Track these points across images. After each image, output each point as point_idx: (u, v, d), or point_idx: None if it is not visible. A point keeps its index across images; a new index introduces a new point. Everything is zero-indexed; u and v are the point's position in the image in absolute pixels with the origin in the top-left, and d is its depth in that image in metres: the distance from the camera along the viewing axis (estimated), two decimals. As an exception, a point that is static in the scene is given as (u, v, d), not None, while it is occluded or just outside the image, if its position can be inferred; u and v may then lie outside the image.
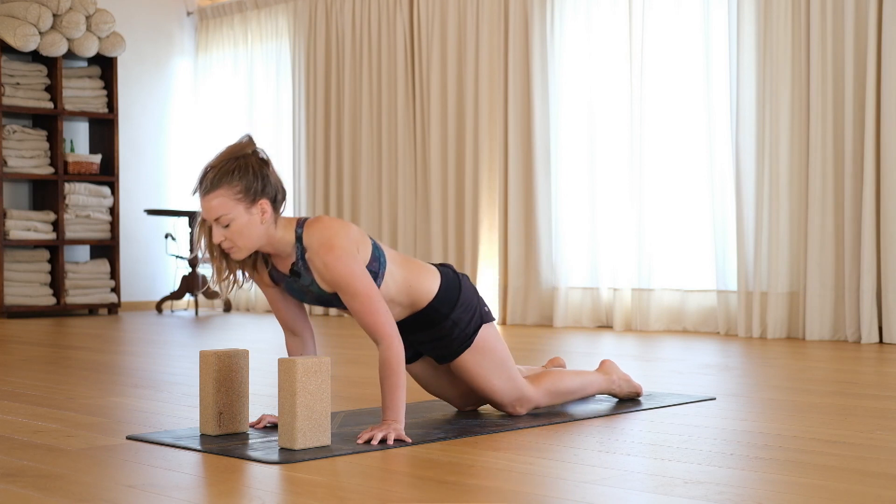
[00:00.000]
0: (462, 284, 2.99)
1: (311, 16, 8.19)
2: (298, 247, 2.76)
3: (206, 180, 2.71)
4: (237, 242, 2.71)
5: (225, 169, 2.70)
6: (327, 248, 2.71)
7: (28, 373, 4.41)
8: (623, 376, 3.37)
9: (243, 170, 2.70)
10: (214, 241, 2.73)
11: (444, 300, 2.93)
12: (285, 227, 2.77)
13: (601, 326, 6.59)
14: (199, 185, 2.73)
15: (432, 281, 2.93)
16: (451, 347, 2.98)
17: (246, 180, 2.69)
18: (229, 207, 2.68)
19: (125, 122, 8.62)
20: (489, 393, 3.04)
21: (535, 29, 6.82)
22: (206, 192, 2.71)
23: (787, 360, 4.76)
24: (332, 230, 2.74)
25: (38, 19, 7.77)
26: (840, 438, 2.73)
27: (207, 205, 2.70)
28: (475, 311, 2.99)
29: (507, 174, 6.95)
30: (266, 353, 5.01)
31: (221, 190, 2.69)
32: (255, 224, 2.71)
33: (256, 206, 2.70)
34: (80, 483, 2.28)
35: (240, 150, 2.74)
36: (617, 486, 2.22)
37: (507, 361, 3.04)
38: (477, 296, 3.03)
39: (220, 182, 2.69)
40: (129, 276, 8.61)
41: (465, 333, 2.97)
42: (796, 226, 5.76)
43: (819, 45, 5.60)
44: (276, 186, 2.75)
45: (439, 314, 2.93)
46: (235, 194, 2.69)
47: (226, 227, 2.70)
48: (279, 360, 2.63)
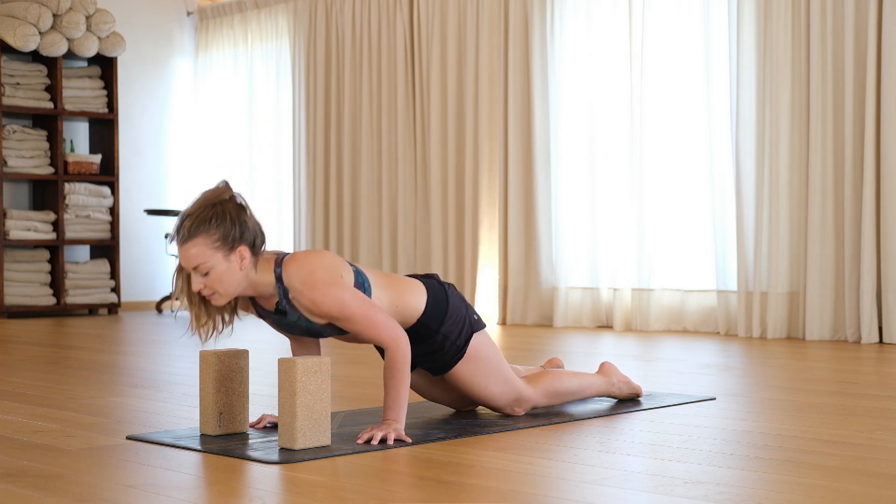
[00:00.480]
0: (449, 296, 2.96)
1: (311, 16, 8.19)
2: (280, 287, 2.74)
3: (183, 229, 2.67)
4: (217, 290, 2.69)
5: (202, 217, 2.66)
6: (311, 286, 2.69)
7: (28, 373, 4.41)
8: (623, 378, 3.37)
9: (221, 217, 2.67)
10: (193, 289, 2.69)
11: (432, 315, 2.92)
12: (264, 269, 2.74)
13: (601, 326, 6.59)
14: (177, 233, 2.68)
15: (419, 297, 2.91)
16: (444, 360, 2.98)
17: (223, 228, 2.66)
18: (207, 256, 2.65)
19: (125, 122, 8.62)
20: (486, 399, 3.05)
21: (535, 29, 6.82)
22: (183, 240, 2.67)
23: (787, 360, 4.76)
24: (310, 266, 2.72)
25: (38, 19, 7.77)
26: (840, 438, 2.73)
27: (185, 254, 2.67)
28: (464, 322, 2.97)
29: (507, 174, 6.95)
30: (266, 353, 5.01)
31: (199, 238, 2.65)
32: (234, 271, 2.68)
33: (235, 254, 2.68)
34: (80, 483, 2.28)
35: (216, 197, 2.71)
36: (617, 486, 2.22)
37: (501, 365, 3.04)
38: (465, 305, 3.01)
39: (198, 230, 2.65)
40: (129, 276, 8.61)
41: (456, 346, 2.96)
42: (796, 226, 5.76)
43: (819, 45, 5.60)
44: (254, 231, 2.72)
45: (429, 330, 2.92)
46: (213, 242, 2.65)
47: (205, 275, 2.67)
48: (279, 360, 2.63)
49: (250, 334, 6.36)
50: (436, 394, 3.14)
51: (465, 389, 3.03)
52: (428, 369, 3.04)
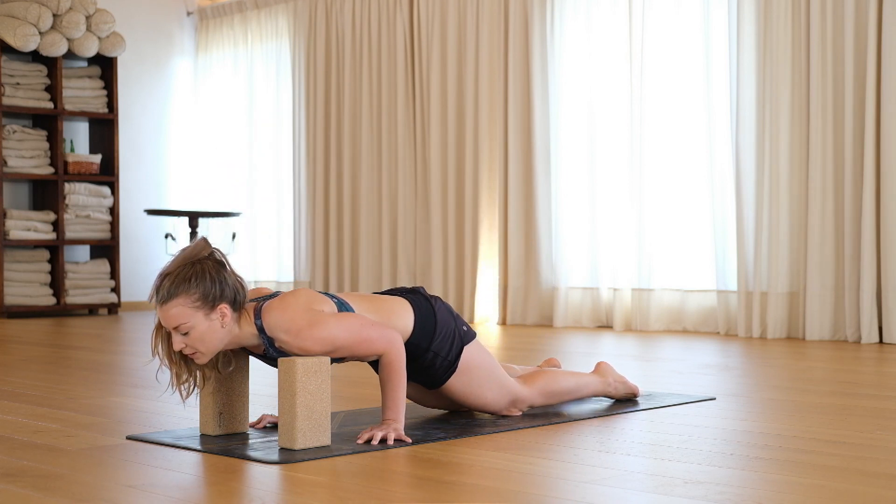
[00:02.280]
0: (436, 311, 2.93)
1: (311, 16, 8.19)
2: (264, 337, 2.71)
3: (162, 289, 2.63)
4: (199, 348, 2.66)
5: (181, 276, 2.63)
6: (295, 335, 2.67)
7: (28, 373, 4.41)
8: (619, 378, 3.37)
9: (200, 276, 2.63)
10: (175, 348, 2.66)
11: (421, 334, 2.89)
12: (245, 321, 2.71)
13: (601, 326, 6.59)
14: (156, 293, 2.65)
15: (406, 318, 2.89)
16: (436, 376, 2.97)
17: (203, 287, 2.63)
18: (188, 315, 2.62)
19: (125, 122, 8.62)
20: (482, 406, 3.05)
21: (535, 29, 6.82)
22: (163, 301, 2.63)
23: (787, 360, 4.76)
24: (287, 314, 2.69)
25: (38, 19, 7.77)
26: (840, 438, 2.73)
27: (165, 314, 2.63)
28: (454, 336, 2.95)
29: (507, 174, 6.95)
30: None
31: (179, 299, 2.62)
32: (215, 329, 2.65)
33: (216, 312, 2.64)
34: (80, 483, 2.28)
35: (195, 255, 2.68)
36: (617, 486, 2.22)
37: (494, 372, 3.03)
38: (453, 317, 2.98)
39: (178, 290, 2.62)
40: (129, 276, 8.61)
41: (448, 361, 2.94)
42: (796, 226, 5.76)
43: (819, 45, 5.60)
44: (234, 288, 2.68)
45: (419, 349, 2.90)
46: (193, 302, 2.62)
47: (185, 334, 2.64)
48: (279, 360, 2.63)
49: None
50: (431, 402, 3.14)
51: (460, 400, 3.03)
52: (421, 384, 3.03)
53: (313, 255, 8.08)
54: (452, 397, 3.02)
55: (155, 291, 2.65)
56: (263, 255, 8.61)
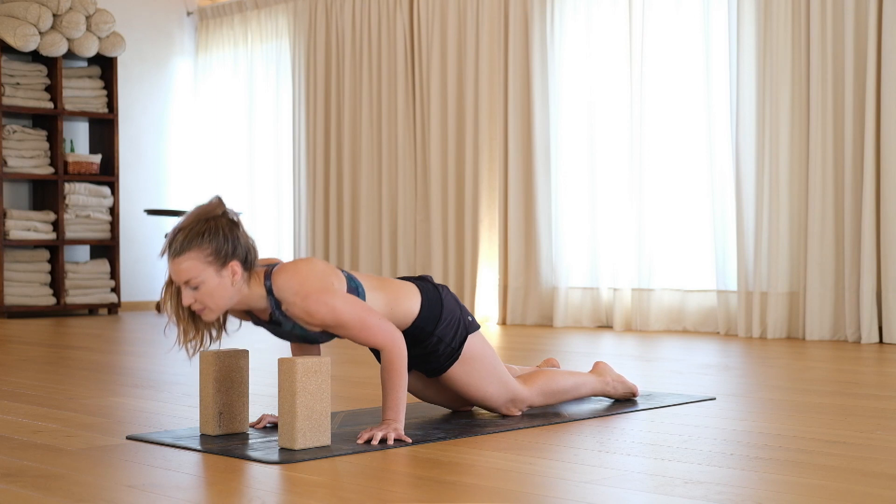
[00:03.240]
0: (443, 298, 2.96)
1: (311, 16, 8.19)
2: (271, 299, 2.73)
3: (175, 243, 2.66)
4: (208, 304, 2.68)
5: (195, 231, 2.65)
6: (303, 297, 2.69)
7: (28, 373, 4.41)
8: (617, 377, 3.37)
9: (213, 232, 2.66)
10: (184, 303, 2.68)
11: (427, 318, 2.92)
12: (255, 282, 2.73)
13: (601, 326, 6.59)
14: (168, 247, 2.67)
15: (413, 300, 2.91)
16: (439, 362, 2.98)
17: (216, 242, 2.65)
18: (199, 270, 2.64)
19: (125, 122, 8.62)
20: (482, 400, 3.05)
21: (535, 29, 6.82)
22: (175, 254, 2.65)
23: (787, 360, 4.76)
24: (300, 276, 2.72)
25: (38, 19, 7.77)
26: (840, 438, 2.73)
27: (177, 268, 2.65)
28: (459, 324, 2.97)
29: (507, 174, 6.95)
30: (266, 353, 5.01)
31: (191, 253, 2.64)
32: (225, 286, 2.67)
33: (227, 269, 2.67)
34: (80, 483, 2.28)
35: (209, 212, 2.70)
36: (617, 486, 2.22)
37: (496, 366, 3.04)
38: (459, 307, 3.01)
39: (190, 245, 2.64)
40: (129, 276, 8.61)
41: (451, 348, 2.96)
42: (796, 226, 5.76)
43: (819, 46, 5.60)
44: (246, 247, 2.71)
45: (424, 332, 2.92)
46: (205, 257, 2.64)
47: (195, 289, 2.66)
48: (279, 360, 2.63)
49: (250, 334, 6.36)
50: (431, 395, 3.14)
51: (461, 391, 3.03)
52: (423, 371, 3.04)
53: (313, 254, 8.08)
54: (453, 387, 3.02)
55: (168, 245, 2.68)
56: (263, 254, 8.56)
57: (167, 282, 2.74)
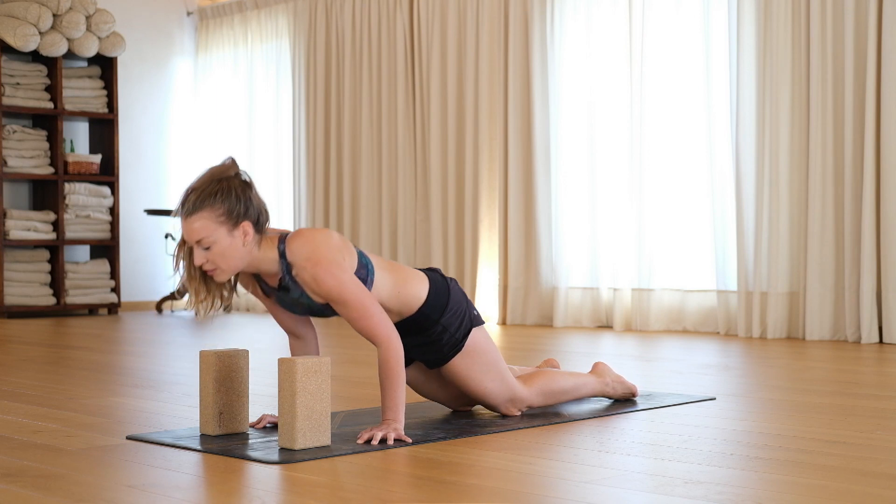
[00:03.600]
0: (451, 289, 2.99)
1: (311, 16, 8.19)
2: (283, 263, 2.75)
3: (188, 202, 2.68)
4: (219, 265, 2.69)
5: (208, 191, 2.67)
6: (314, 263, 2.71)
7: (28, 373, 4.41)
8: (616, 378, 3.37)
9: (226, 192, 2.68)
10: (196, 263, 2.70)
11: (433, 305, 2.93)
12: (267, 246, 2.75)
13: (601, 326, 6.59)
14: (181, 207, 2.69)
15: (421, 286, 2.93)
16: (442, 352, 2.99)
17: (228, 203, 2.67)
18: (211, 230, 2.66)
19: (125, 122, 8.62)
20: (481, 395, 3.05)
21: (535, 29, 6.82)
22: (188, 214, 2.67)
23: (787, 360, 4.76)
24: (315, 243, 2.73)
25: (38, 19, 7.77)
26: (840, 438, 2.73)
27: (189, 227, 2.67)
28: (464, 316, 2.98)
29: (507, 174, 6.95)
30: (266, 353, 5.01)
31: (204, 212, 2.66)
32: (237, 246, 2.69)
33: (239, 229, 2.68)
34: (80, 483, 2.28)
35: (222, 173, 2.72)
36: (617, 486, 2.22)
37: (498, 363, 3.05)
38: (466, 300, 3.02)
39: (203, 204, 2.66)
40: (129, 276, 8.61)
41: (455, 338, 2.97)
42: (796, 226, 5.76)
43: (819, 45, 5.60)
44: (258, 209, 2.73)
45: (429, 320, 2.93)
46: (218, 217, 2.66)
47: (207, 249, 2.68)
48: (279, 360, 2.63)
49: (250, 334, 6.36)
50: (431, 389, 3.14)
51: (462, 384, 3.03)
52: (425, 362, 3.04)
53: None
54: (454, 379, 3.02)
55: (180, 205, 2.70)
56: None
57: (179, 242, 2.76)
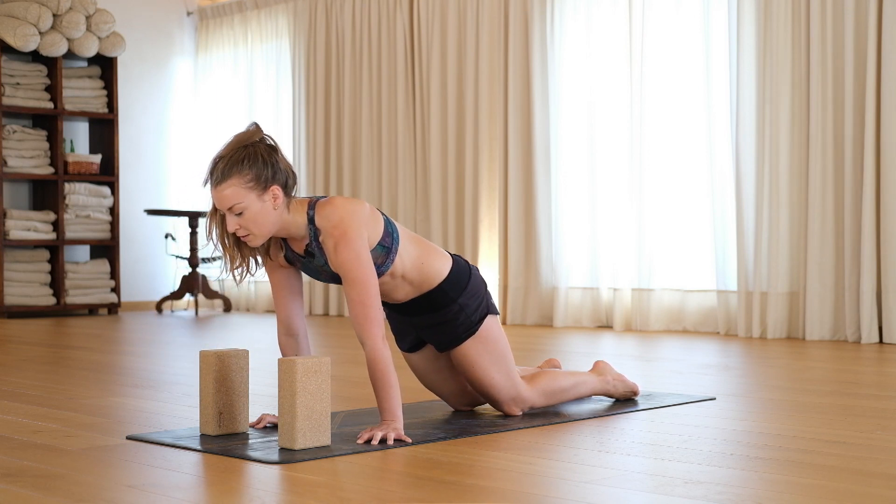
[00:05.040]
0: (472, 273, 3.03)
1: (311, 16, 8.19)
2: (311, 228, 2.79)
3: (216, 171, 2.72)
4: (252, 230, 2.73)
5: (235, 158, 2.71)
6: (341, 231, 2.74)
7: (28, 373, 4.41)
8: (617, 376, 3.38)
9: (253, 158, 2.72)
10: (229, 230, 2.74)
11: (453, 283, 2.96)
12: (297, 211, 2.79)
13: (601, 326, 6.59)
14: (210, 175, 2.74)
15: (444, 263, 2.97)
16: (456, 333, 3.00)
17: (256, 168, 2.71)
18: (242, 196, 2.70)
19: (125, 122, 8.62)
20: (487, 386, 3.04)
21: (535, 29, 6.82)
22: (217, 182, 2.72)
23: (787, 360, 4.76)
24: (344, 211, 2.76)
25: (38, 19, 7.77)
26: (840, 438, 2.73)
27: (220, 195, 2.72)
28: (482, 301, 3.02)
29: (507, 174, 6.95)
30: (266, 353, 5.01)
31: (233, 179, 2.70)
32: (268, 211, 2.73)
33: (268, 193, 2.72)
34: (80, 483, 2.28)
35: (248, 139, 2.76)
36: (617, 486, 2.22)
37: (508, 357, 3.06)
38: (485, 287, 3.07)
39: (231, 171, 2.70)
40: (129, 276, 8.61)
41: (471, 321, 2.99)
42: (796, 226, 5.76)
43: (819, 46, 5.60)
44: (286, 172, 2.77)
45: (447, 297, 2.96)
46: (247, 182, 2.70)
47: (239, 215, 2.72)
48: (279, 360, 2.63)
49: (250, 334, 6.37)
50: (437, 380, 3.14)
51: (469, 371, 3.02)
52: (436, 343, 3.05)
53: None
54: (462, 365, 3.03)
55: (209, 174, 2.74)
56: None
57: (211, 211, 2.79)
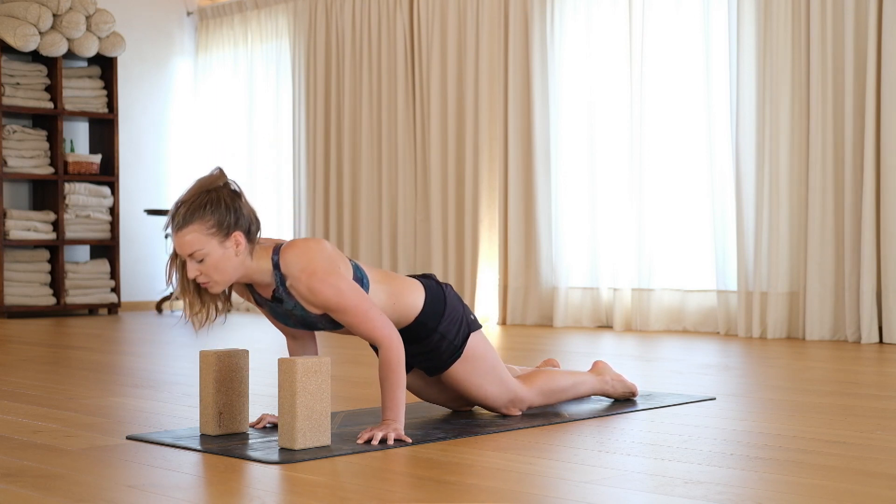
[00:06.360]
0: (447, 296, 2.97)
1: (311, 16, 8.19)
2: (277, 274, 2.73)
3: (178, 216, 2.66)
4: (213, 277, 2.68)
5: (197, 203, 2.65)
6: (309, 274, 2.69)
7: (28, 373, 4.41)
8: (616, 377, 3.37)
9: (215, 203, 2.66)
10: (189, 276, 2.68)
11: (430, 314, 2.92)
12: (261, 256, 2.73)
13: (601, 326, 6.59)
14: (171, 220, 2.67)
15: (417, 296, 2.91)
16: (441, 360, 2.98)
17: (219, 214, 2.65)
18: (203, 242, 2.64)
19: (125, 122, 8.62)
20: (482, 399, 3.05)
21: (535, 29, 6.82)
22: (178, 227, 2.65)
23: (787, 360, 4.76)
24: (309, 254, 2.71)
25: (38, 19, 7.77)
26: (840, 438, 2.73)
27: (180, 241, 2.65)
28: (462, 322, 2.97)
29: (507, 174, 6.95)
30: (266, 353, 5.01)
31: (194, 225, 2.64)
32: (229, 257, 2.67)
33: (230, 240, 2.67)
34: (80, 483, 2.28)
35: (211, 184, 2.70)
36: (617, 486, 2.22)
37: (497, 366, 3.04)
38: (462, 305, 3.01)
39: (193, 217, 2.64)
40: (129, 276, 8.61)
41: (454, 345, 2.96)
42: (796, 226, 5.76)
43: (819, 46, 5.60)
44: (249, 218, 2.71)
45: (426, 329, 2.92)
46: (208, 229, 2.64)
47: (200, 261, 2.66)
48: (279, 360, 2.63)
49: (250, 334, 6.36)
50: (431, 394, 3.14)
51: (462, 390, 3.03)
52: (424, 369, 3.04)
53: (313, 255, 8.07)
54: (454, 386, 3.02)
55: (171, 218, 2.69)
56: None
57: (172, 255, 2.75)
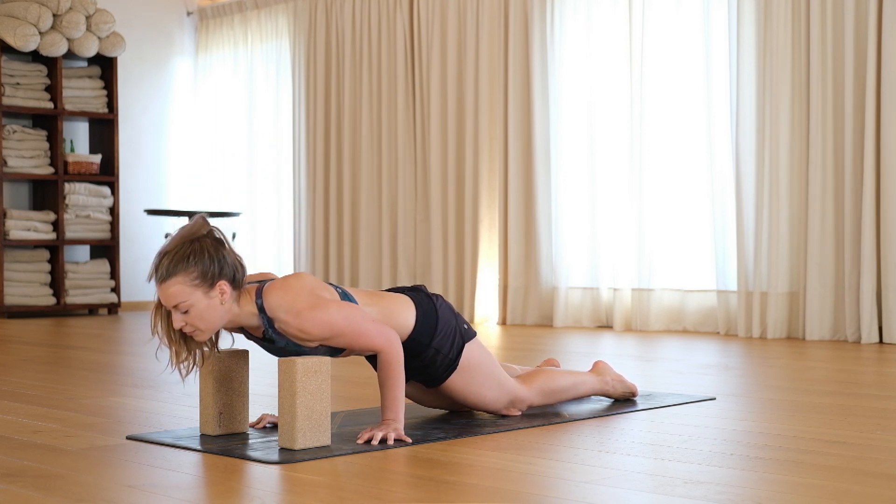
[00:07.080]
0: (438, 308, 2.94)
1: (311, 16, 8.19)
2: (263, 317, 2.71)
3: (161, 268, 2.64)
4: (199, 326, 2.66)
5: (180, 254, 2.63)
6: (295, 315, 2.67)
7: (28, 373, 4.41)
8: (616, 377, 3.37)
9: (199, 254, 2.63)
10: (175, 327, 2.66)
11: (422, 330, 2.90)
12: (246, 301, 2.71)
13: (601, 326, 6.59)
14: (155, 272, 2.65)
15: (408, 313, 2.90)
16: (437, 373, 2.97)
17: (202, 264, 2.63)
18: (187, 294, 2.62)
19: (125, 122, 8.62)
20: (482, 405, 3.06)
21: (535, 29, 6.82)
22: (162, 279, 2.63)
23: (787, 360, 4.76)
24: (290, 294, 2.69)
25: (38, 19, 7.77)
26: (840, 438, 2.73)
27: (165, 292, 2.63)
28: (455, 334, 2.95)
29: (507, 174, 6.95)
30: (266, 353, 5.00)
31: (178, 277, 2.62)
32: (215, 307, 2.65)
33: (215, 289, 2.65)
34: (80, 483, 2.28)
35: (194, 233, 2.67)
36: (617, 486, 2.22)
37: (494, 371, 3.04)
38: (454, 315, 2.99)
39: (176, 269, 2.62)
40: (129, 276, 8.61)
41: (449, 359, 2.95)
42: (796, 226, 5.76)
43: (819, 46, 5.60)
44: (233, 266, 2.68)
45: (420, 345, 2.91)
46: (192, 280, 2.62)
47: (185, 312, 2.64)
48: (279, 360, 2.64)
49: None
50: (430, 401, 3.14)
51: (460, 399, 3.03)
52: (421, 382, 3.03)
53: (313, 255, 8.08)
54: (452, 396, 3.02)
55: (154, 270, 2.66)
56: (263, 254, 8.61)
57: (156, 304, 2.71)
